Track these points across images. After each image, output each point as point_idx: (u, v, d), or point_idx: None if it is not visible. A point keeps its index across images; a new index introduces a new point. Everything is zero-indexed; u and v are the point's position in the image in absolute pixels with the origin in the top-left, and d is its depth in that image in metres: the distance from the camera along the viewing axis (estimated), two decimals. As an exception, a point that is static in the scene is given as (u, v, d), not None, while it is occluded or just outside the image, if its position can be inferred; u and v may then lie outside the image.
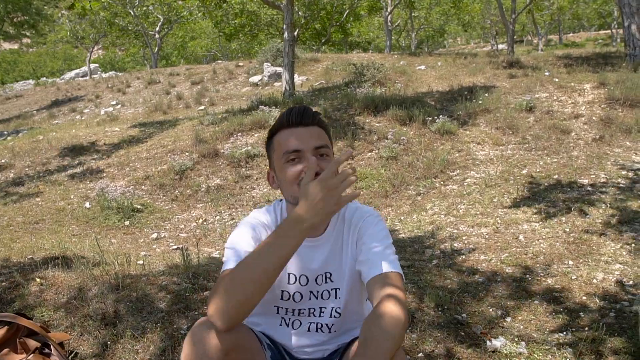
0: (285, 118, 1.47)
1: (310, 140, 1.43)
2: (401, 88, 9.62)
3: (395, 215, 5.01)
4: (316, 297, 1.58)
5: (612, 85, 7.54)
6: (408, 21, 30.24)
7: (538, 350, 2.49)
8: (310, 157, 1.41)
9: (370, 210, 1.58)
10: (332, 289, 1.57)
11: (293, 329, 1.62)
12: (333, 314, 1.58)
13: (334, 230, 1.55)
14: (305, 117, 1.45)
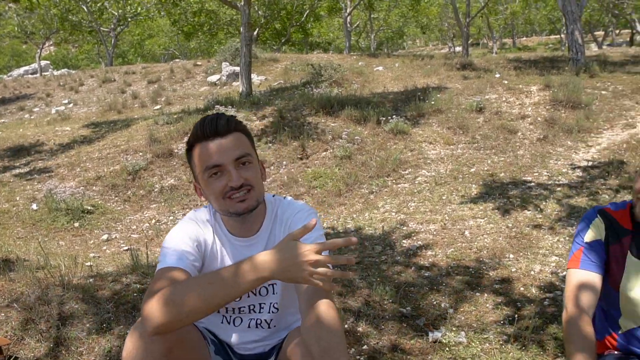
0: (199, 130, 1.41)
1: (228, 152, 1.40)
2: (358, 88, 9.75)
3: (348, 213, 5.10)
4: (255, 294, 1.61)
5: (556, 87, 7.89)
6: (367, 22, 30.59)
7: (476, 339, 2.60)
8: (232, 171, 1.40)
9: (302, 206, 1.60)
10: (270, 285, 1.60)
11: (234, 326, 1.65)
12: (271, 309, 1.62)
13: (268, 228, 1.58)
14: (220, 127, 1.41)
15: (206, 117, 1.43)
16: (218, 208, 1.47)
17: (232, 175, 1.40)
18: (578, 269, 1.73)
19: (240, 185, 1.41)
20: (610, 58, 12.10)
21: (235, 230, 1.55)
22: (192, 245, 1.48)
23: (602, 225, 1.78)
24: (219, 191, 1.41)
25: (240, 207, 1.43)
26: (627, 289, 1.75)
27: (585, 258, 1.73)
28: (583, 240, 1.78)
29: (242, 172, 1.42)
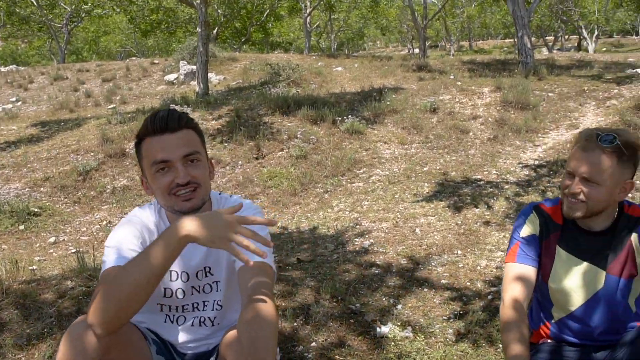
0: (149, 125, 1.41)
1: (177, 148, 1.40)
2: (316, 88, 9.80)
3: (302, 212, 5.13)
4: (198, 292, 1.60)
5: (506, 89, 8.16)
6: (328, 23, 30.74)
7: (422, 333, 2.66)
8: (179, 167, 1.40)
9: (249, 204, 1.60)
10: (213, 282, 1.60)
11: (178, 325, 1.63)
12: (215, 307, 1.61)
13: None
14: (171, 123, 1.40)
15: (158, 112, 1.42)
16: (164, 204, 1.47)
17: (179, 172, 1.39)
18: (515, 262, 1.80)
19: (187, 183, 1.41)
20: (557, 62, 12.60)
21: None
22: (137, 243, 1.46)
23: (537, 220, 1.86)
24: (165, 187, 1.40)
25: (185, 205, 1.43)
26: (555, 281, 1.84)
27: (521, 252, 1.81)
28: (519, 235, 1.86)
29: (190, 169, 1.41)
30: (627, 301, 1.77)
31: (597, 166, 1.57)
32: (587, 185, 1.60)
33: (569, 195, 1.64)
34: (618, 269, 1.73)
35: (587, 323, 1.82)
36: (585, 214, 1.66)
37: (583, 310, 1.80)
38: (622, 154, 1.56)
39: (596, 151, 1.57)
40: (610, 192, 1.62)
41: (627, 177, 1.61)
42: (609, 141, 1.55)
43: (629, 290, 1.75)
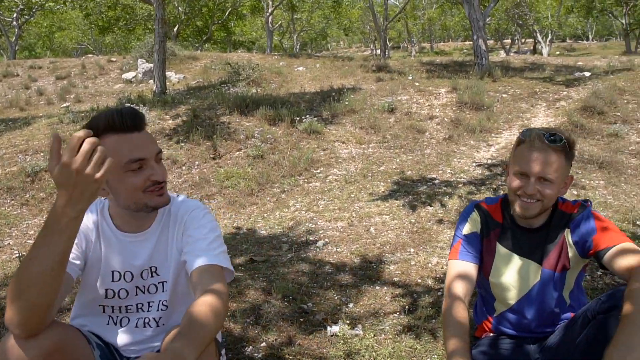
0: (116, 121, 1.35)
1: (151, 146, 1.40)
2: (275, 88, 9.77)
3: (259, 212, 5.10)
4: (143, 292, 1.57)
5: (462, 90, 8.35)
6: (290, 23, 30.70)
7: (372, 331, 2.69)
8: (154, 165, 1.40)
9: (197, 204, 1.60)
10: (159, 283, 1.57)
11: (121, 326, 1.60)
12: (160, 307, 1.59)
13: (160, 224, 1.56)
14: (139, 121, 1.39)
15: (122, 109, 1.38)
16: (132, 203, 1.43)
17: (156, 169, 1.39)
18: (457, 260, 1.85)
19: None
20: (512, 64, 12.99)
21: (125, 226, 1.52)
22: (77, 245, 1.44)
23: (478, 218, 1.91)
24: (140, 185, 1.38)
25: (160, 200, 1.44)
26: (496, 276, 1.89)
27: (463, 249, 1.85)
28: (462, 233, 1.90)
29: (161, 167, 1.43)
30: (561, 294, 1.84)
31: (551, 165, 1.62)
32: (542, 184, 1.65)
33: (524, 196, 1.68)
34: (552, 264, 1.79)
35: (525, 316, 1.88)
36: (539, 212, 1.72)
37: (521, 303, 1.86)
38: (567, 152, 1.64)
39: (548, 151, 1.62)
40: (558, 189, 1.68)
41: (568, 172, 1.70)
42: (557, 140, 1.62)
43: (563, 283, 1.82)
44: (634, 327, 1.29)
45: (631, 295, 1.36)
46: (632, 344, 1.26)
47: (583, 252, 1.70)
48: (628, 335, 1.28)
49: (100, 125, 1.36)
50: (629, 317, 1.32)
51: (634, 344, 1.26)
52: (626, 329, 1.29)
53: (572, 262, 1.77)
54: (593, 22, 42.43)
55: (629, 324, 1.30)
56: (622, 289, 1.45)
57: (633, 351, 1.26)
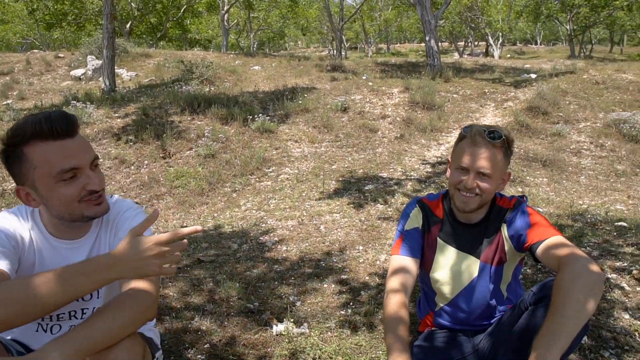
0: (45, 128, 1.25)
1: (85, 153, 1.32)
2: (229, 87, 9.65)
3: (209, 212, 5.02)
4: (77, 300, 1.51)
5: (414, 90, 8.49)
6: (247, 21, 30.42)
7: (318, 328, 2.69)
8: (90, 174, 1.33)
9: (129, 204, 1.55)
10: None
11: (52, 334, 1.53)
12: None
13: (97, 230, 1.51)
14: (71, 126, 1.30)
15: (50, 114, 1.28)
16: (66, 213, 1.35)
17: (92, 178, 1.32)
18: (398, 255, 1.87)
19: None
20: (463, 65, 13.34)
21: (59, 233, 1.45)
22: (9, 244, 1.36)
23: (420, 214, 1.94)
24: (75, 195, 1.31)
25: (99, 210, 1.38)
26: (436, 271, 1.93)
27: (404, 245, 1.87)
28: (403, 229, 1.93)
29: (98, 174, 1.35)
30: (498, 287, 1.89)
31: (490, 161, 1.66)
32: (481, 179, 1.68)
33: (463, 190, 1.72)
34: (490, 257, 1.84)
35: (464, 309, 1.92)
36: (478, 207, 1.76)
37: (459, 297, 1.90)
38: (505, 148, 1.69)
39: (488, 147, 1.66)
40: (496, 184, 1.72)
41: (506, 168, 1.74)
42: (497, 137, 1.66)
43: (501, 276, 1.87)
44: (560, 316, 1.33)
45: (558, 286, 1.40)
46: (558, 333, 1.30)
47: (518, 245, 1.74)
48: (554, 324, 1.32)
49: (26, 132, 1.26)
50: (555, 306, 1.36)
51: (560, 333, 1.30)
52: (553, 319, 1.33)
53: (509, 256, 1.82)
54: (541, 27, 44.14)
55: (556, 314, 1.34)
56: (552, 280, 1.49)
57: (558, 340, 1.30)
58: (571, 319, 1.32)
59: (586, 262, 1.43)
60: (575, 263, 1.44)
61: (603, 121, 7.89)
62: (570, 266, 1.44)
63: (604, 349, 2.37)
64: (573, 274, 1.40)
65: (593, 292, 1.36)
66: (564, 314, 1.33)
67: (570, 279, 1.39)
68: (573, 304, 1.33)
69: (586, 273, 1.39)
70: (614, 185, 5.95)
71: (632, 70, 11.07)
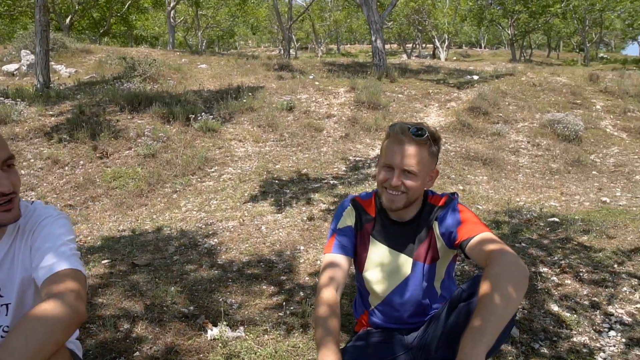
0: None
1: None
2: (173, 85, 9.39)
3: (148, 214, 4.84)
4: None
5: (360, 90, 8.55)
6: (195, 19, 29.79)
7: (254, 331, 2.62)
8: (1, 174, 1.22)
9: (50, 212, 1.42)
10: (2, 305, 1.38)
11: None
12: (1, 333, 1.39)
13: (10, 240, 1.37)
14: None
15: None
16: None
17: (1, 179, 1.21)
18: (331, 253, 1.82)
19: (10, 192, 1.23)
20: (409, 66, 13.60)
21: None
22: None
23: (353, 212, 1.90)
24: None
25: (6, 217, 1.27)
26: (369, 270, 1.90)
27: (337, 243, 1.83)
28: (336, 227, 1.89)
29: (10, 176, 1.23)
30: (432, 284, 1.88)
31: (415, 158, 1.64)
32: (407, 177, 1.66)
33: (390, 188, 1.69)
34: (422, 255, 1.82)
35: (397, 308, 1.90)
36: (405, 205, 1.73)
37: (393, 296, 1.88)
38: (431, 145, 1.67)
39: (412, 144, 1.64)
40: (423, 182, 1.71)
41: (433, 166, 1.73)
42: (422, 134, 1.64)
43: (434, 274, 1.86)
44: (486, 312, 1.32)
45: (485, 282, 1.40)
46: (484, 329, 1.30)
47: (449, 242, 1.73)
48: (481, 320, 1.31)
49: None
50: (482, 302, 1.35)
51: (486, 329, 1.30)
52: (479, 314, 1.33)
53: (441, 253, 1.81)
54: (485, 32, 45.75)
55: (482, 310, 1.34)
56: (480, 276, 1.49)
57: (484, 335, 1.29)
58: (496, 314, 1.32)
59: (511, 258, 1.44)
60: (501, 259, 1.44)
61: (539, 121, 8.22)
62: (496, 262, 1.44)
63: (534, 341, 2.44)
64: (499, 269, 1.40)
65: (518, 287, 1.37)
66: (490, 310, 1.32)
67: (496, 275, 1.39)
68: (498, 300, 1.33)
69: (511, 269, 1.40)
70: (548, 182, 6.19)
71: (565, 73, 11.63)
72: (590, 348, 2.37)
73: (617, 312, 2.70)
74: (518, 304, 1.37)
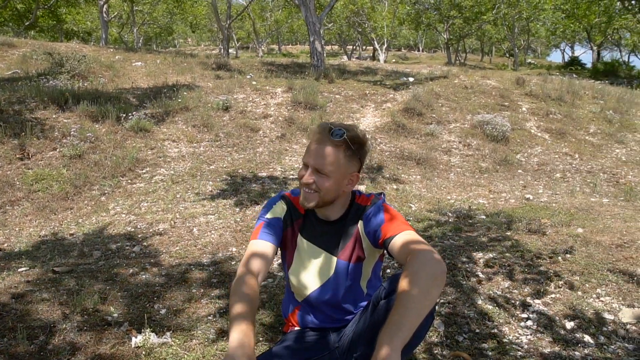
0: None
1: None
2: (105, 83, 8.99)
3: (73, 218, 4.60)
4: None
5: (297, 90, 8.55)
6: (130, 15, 28.73)
7: (182, 337, 2.54)
8: None
9: None
10: None
11: None
12: None
13: None
14: None
15: None
16: None
17: None
18: (256, 239, 1.78)
19: None
20: (348, 67, 13.76)
21: None
22: None
23: (284, 207, 1.89)
24: None
25: None
26: (296, 269, 1.89)
27: (263, 230, 1.79)
28: (265, 217, 1.85)
29: None
30: (358, 283, 1.90)
31: (326, 158, 1.63)
32: (318, 176, 1.66)
33: (303, 185, 1.69)
34: (348, 255, 1.83)
35: (323, 307, 1.91)
36: (318, 204, 1.73)
37: (319, 295, 1.88)
38: (348, 148, 1.65)
39: (327, 144, 1.63)
40: (339, 183, 1.70)
41: (353, 169, 1.71)
42: (338, 135, 1.63)
43: (360, 273, 1.88)
44: (403, 308, 1.35)
45: (404, 279, 1.42)
46: (400, 324, 1.32)
47: (374, 241, 1.75)
48: (397, 316, 1.33)
49: None
50: (399, 299, 1.38)
51: (402, 324, 1.32)
52: (397, 310, 1.35)
53: (367, 253, 1.83)
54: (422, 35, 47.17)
55: (399, 305, 1.36)
56: (400, 274, 1.51)
57: (400, 329, 1.31)
58: (413, 310, 1.34)
59: (430, 255, 1.47)
60: (419, 256, 1.47)
61: (470, 122, 8.56)
62: (415, 259, 1.47)
63: (458, 334, 2.51)
64: (417, 266, 1.43)
65: (435, 283, 1.40)
66: (407, 306, 1.35)
67: (414, 272, 1.42)
68: (415, 296, 1.36)
69: (429, 265, 1.43)
70: (478, 181, 6.45)
71: (495, 77, 12.18)
72: (509, 338, 2.48)
73: (534, 302, 2.85)
74: (435, 299, 1.40)
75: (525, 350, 2.38)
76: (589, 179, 6.66)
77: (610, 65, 26.78)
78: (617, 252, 3.50)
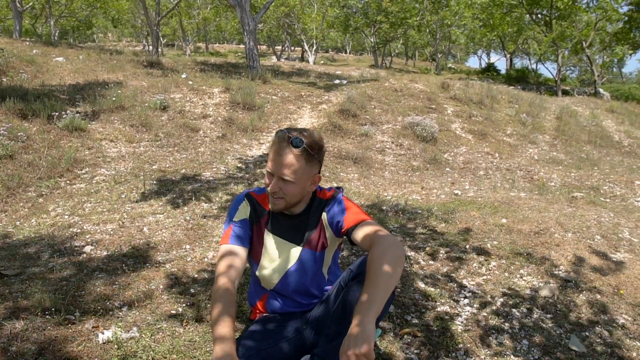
0: None
1: None
2: (27, 79, 8.54)
3: (9, 220, 4.43)
4: None
5: (234, 91, 8.61)
6: (45, 6, 27.04)
7: (149, 330, 2.62)
8: None
9: None
10: None
11: None
12: None
13: None
14: None
15: None
16: None
17: None
18: (227, 244, 1.93)
19: None
20: (281, 69, 13.93)
21: None
22: None
23: (248, 207, 2.03)
24: None
25: None
26: (264, 260, 2.05)
27: (233, 234, 1.94)
28: (232, 220, 2.00)
29: None
30: (320, 270, 2.10)
31: (291, 167, 1.78)
32: (284, 183, 1.81)
33: (271, 193, 1.85)
34: (314, 244, 2.02)
35: (290, 293, 2.09)
36: (286, 207, 1.91)
37: (285, 282, 2.06)
38: (309, 154, 1.80)
39: (288, 153, 1.77)
40: (303, 187, 1.87)
41: (315, 171, 1.88)
42: (298, 145, 1.76)
43: (322, 260, 2.07)
44: (374, 286, 1.55)
45: (370, 262, 1.63)
46: (372, 300, 1.52)
47: (337, 231, 1.94)
48: (369, 293, 1.53)
49: None
50: (369, 278, 1.58)
51: (374, 299, 1.52)
52: (368, 289, 1.55)
53: (329, 241, 2.03)
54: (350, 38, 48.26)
55: (369, 284, 1.56)
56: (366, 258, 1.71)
57: (373, 305, 1.51)
58: (382, 287, 1.55)
59: (392, 239, 1.69)
60: (382, 241, 1.69)
61: (401, 124, 9.04)
62: (379, 244, 1.68)
63: (406, 314, 2.80)
64: (381, 250, 1.65)
65: (398, 263, 1.61)
66: (376, 284, 1.55)
67: (379, 255, 1.63)
68: (382, 275, 1.57)
69: (392, 249, 1.65)
70: (411, 178, 6.88)
71: (422, 81, 12.86)
72: (450, 315, 2.80)
73: (469, 284, 3.21)
74: (399, 277, 1.63)
75: (464, 324, 2.72)
76: (508, 175, 7.31)
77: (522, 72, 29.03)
78: (535, 238, 3.98)
